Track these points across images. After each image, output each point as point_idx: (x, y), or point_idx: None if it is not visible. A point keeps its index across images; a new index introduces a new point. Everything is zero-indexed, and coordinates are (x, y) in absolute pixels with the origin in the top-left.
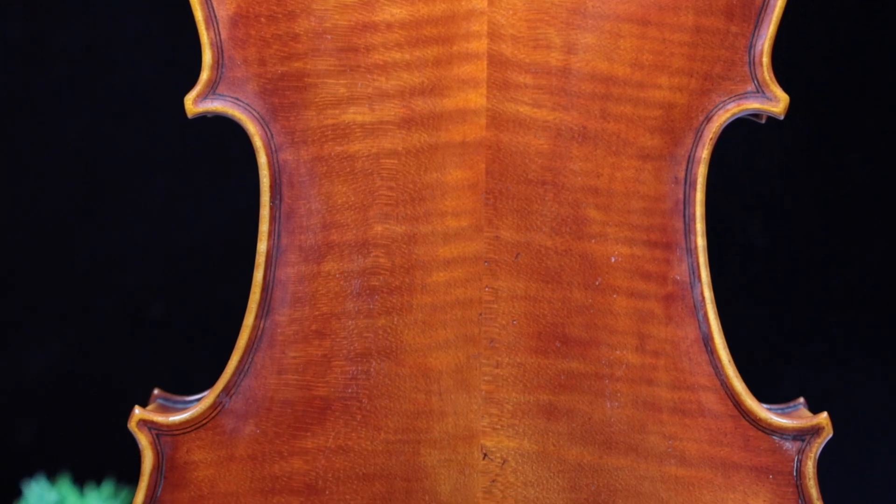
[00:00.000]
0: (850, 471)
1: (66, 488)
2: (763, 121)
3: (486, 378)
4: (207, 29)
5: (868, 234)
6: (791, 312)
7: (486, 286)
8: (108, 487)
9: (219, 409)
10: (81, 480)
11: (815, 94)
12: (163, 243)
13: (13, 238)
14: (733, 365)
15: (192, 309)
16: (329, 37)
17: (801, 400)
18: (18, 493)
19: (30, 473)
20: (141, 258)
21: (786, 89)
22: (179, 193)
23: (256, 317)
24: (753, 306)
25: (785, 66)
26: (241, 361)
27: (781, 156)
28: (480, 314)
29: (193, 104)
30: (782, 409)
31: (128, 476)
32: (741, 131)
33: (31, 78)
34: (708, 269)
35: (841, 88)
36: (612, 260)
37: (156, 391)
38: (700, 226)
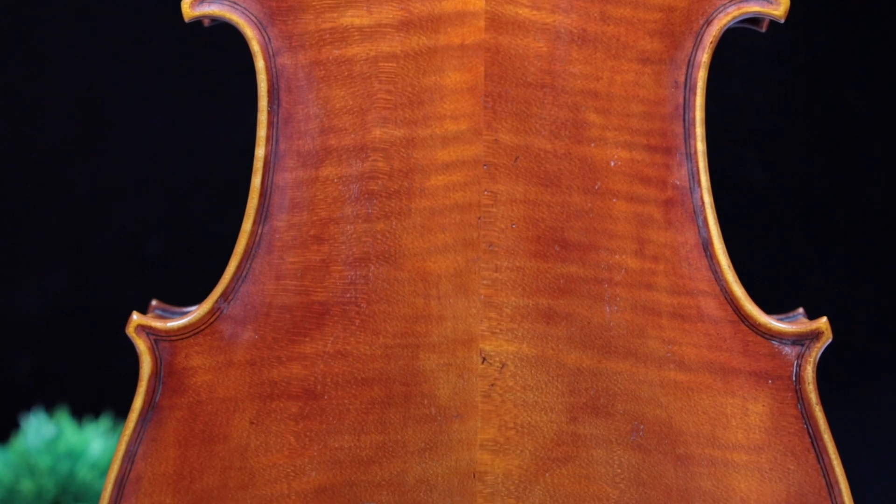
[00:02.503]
0: (849, 403)
1: (64, 421)
2: (764, 29)
3: (484, 282)
4: None
5: (867, 169)
6: (789, 248)
7: (485, 190)
8: (106, 420)
9: (217, 314)
10: (79, 414)
11: (814, 27)
12: (161, 178)
13: (11, 173)
14: (733, 270)
15: (190, 243)
16: None
17: (801, 310)
18: (17, 427)
19: (28, 407)
20: (139, 193)
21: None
22: (178, 128)
23: (254, 222)
24: (751, 243)
25: None
26: (239, 267)
27: (779, 91)
28: (479, 218)
29: (191, 7)
30: (782, 318)
31: (126, 410)
32: (740, 65)
33: (29, 13)
34: (707, 174)
35: (840, 21)
36: (612, 164)
37: (154, 302)
38: (700, 130)
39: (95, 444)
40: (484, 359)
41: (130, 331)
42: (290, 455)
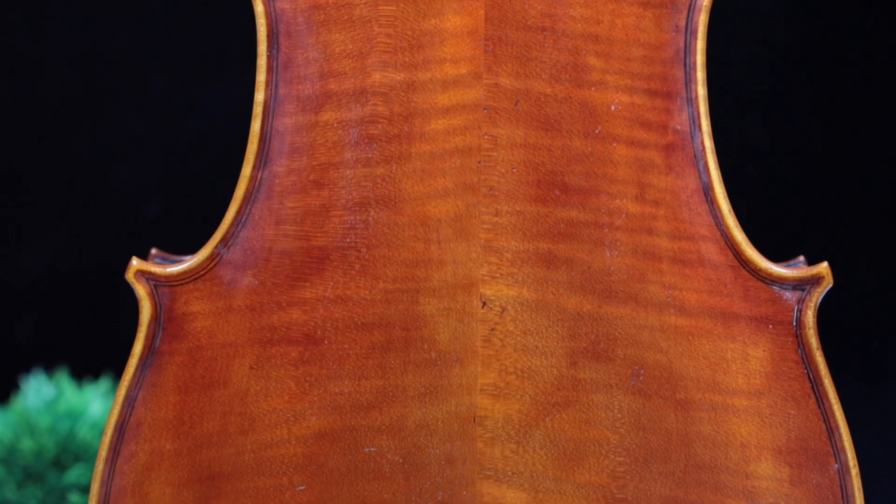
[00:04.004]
0: (850, 360)
1: (64, 383)
2: None
3: (485, 226)
4: None
5: (868, 131)
6: (790, 209)
7: (486, 134)
8: (105, 382)
9: (217, 259)
10: (79, 375)
11: None
12: (161, 140)
13: (10, 135)
14: (733, 215)
15: (189, 206)
16: None
17: (802, 258)
18: (17, 389)
19: (28, 369)
20: (139, 154)
21: None
22: (177, 89)
23: (254, 167)
24: (752, 203)
25: None
26: (238, 212)
27: (779, 51)
28: (480, 162)
29: None
30: (783, 265)
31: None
32: (740, 26)
33: None
34: (708, 118)
35: None
36: (612, 108)
37: (153, 251)
38: (701, 75)
39: (95, 404)
40: (484, 303)
41: (130, 276)
42: (290, 400)
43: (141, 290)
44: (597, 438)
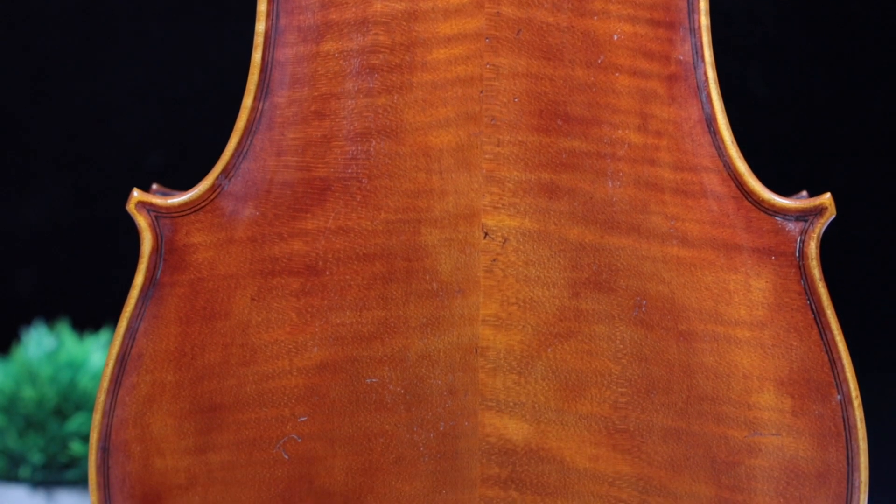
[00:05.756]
0: (850, 314)
1: (64, 334)
2: None
3: (487, 156)
4: None
5: (870, 81)
6: (791, 161)
7: (488, 63)
8: (106, 334)
9: (218, 191)
10: (80, 327)
11: None
12: (161, 92)
13: (11, 86)
14: (736, 146)
15: (190, 157)
16: None
17: (804, 193)
18: (18, 340)
19: (29, 321)
20: (140, 107)
21: None
22: (176, 41)
23: (255, 98)
24: (753, 155)
25: None
26: (239, 144)
27: (780, 2)
28: (482, 92)
29: None
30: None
31: None
32: None
33: None
34: (711, 49)
35: None
36: (615, 38)
37: (154, 186)
38: (703, 4)
39: (96, 356)
40: (486, 234)
41: (131, 207)
42: (291, 331)
43: (142, 222)
44: (599, 369)
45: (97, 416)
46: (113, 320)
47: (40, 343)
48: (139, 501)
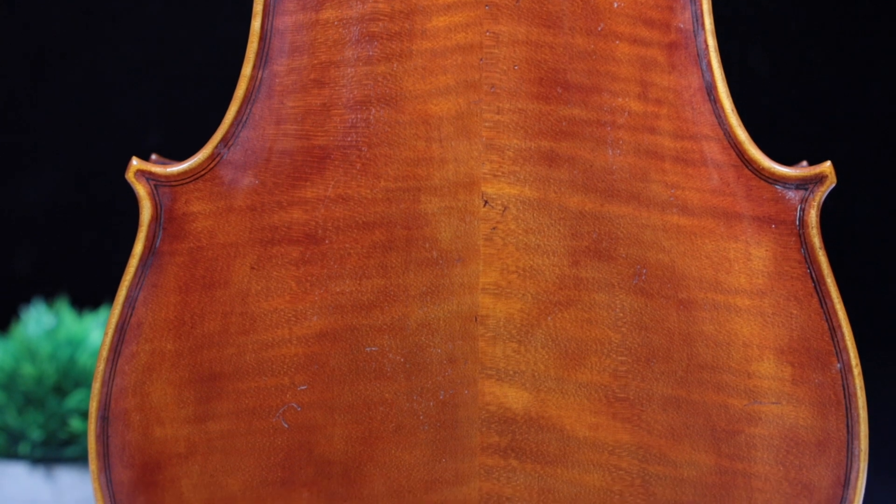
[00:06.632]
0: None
1: (64, 312)
2: None
3: (486, 124)
4: None
5: (870, 58)
6: (791, 136)
7: (487, 31)
8: (105, 312)
9: (217, 159)
10: (79, 305)
11: None
12: (161, 70)
13: (10, 65)
14: (736, 114)
15: (189, 136)
16: None
17: (805, 163)
18: (17, 318)
19: (28, 299)
20: (139, 86)
21: None
22: (175, 19)
23: (254, 67)
24: (754, 131)
25: None
26: (239, 112)
27: None
28: (481, 59)
29: None
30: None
31: None
32: None
33: None
34: (712, 17)
35: None
36: (615, 5)
37: (154, 156)
38: None
39: (95, 333)
40: (486, 202)
41: (130, 176)
42: (291, 300)
43: (141, 190)
44: (598, 338)
45: (97, 385)
46: (112, 298)
47: (40, 321)
48: (139, 470)
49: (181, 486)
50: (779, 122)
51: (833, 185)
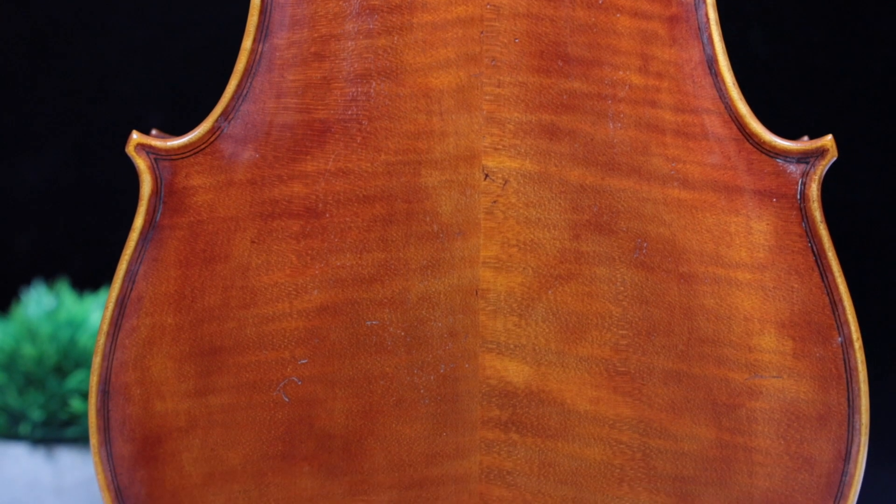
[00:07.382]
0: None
1: (64, 293)
2: None
3: (487, 97)
4: None
5: (871, 40)
6: (791, 120)
7: (488, 3)
8: (105, 293)
9: (217, 133)
10: (80, 286)
11: None
12: (161, 51)
13: (11, 46)
14: (737, 88)
15: (190, 118)
16: None
17: (806, 137)
18: (17, 299)
19: (28, 281)
20: (139, 66)
21: None
22: (175, 1)
23: (254, 40)
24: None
25: None
26: (239, 86)
27: None
28: (482, 32)
29: None
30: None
31: None
32: None
33: None
34: None
35: None
36: None
37: (154, 131)
38: None
39: (96, 314)
40: (486, 175)
41: (130, 150)
42: (291, 274)
43: (141, 164)
44: (599, 311)
45: (97, 359)
46: (112, 279)
47: (40, 302)
48: (139, 444)
49: (182, 459)
50: (778, 101)
51: (834, 158)
